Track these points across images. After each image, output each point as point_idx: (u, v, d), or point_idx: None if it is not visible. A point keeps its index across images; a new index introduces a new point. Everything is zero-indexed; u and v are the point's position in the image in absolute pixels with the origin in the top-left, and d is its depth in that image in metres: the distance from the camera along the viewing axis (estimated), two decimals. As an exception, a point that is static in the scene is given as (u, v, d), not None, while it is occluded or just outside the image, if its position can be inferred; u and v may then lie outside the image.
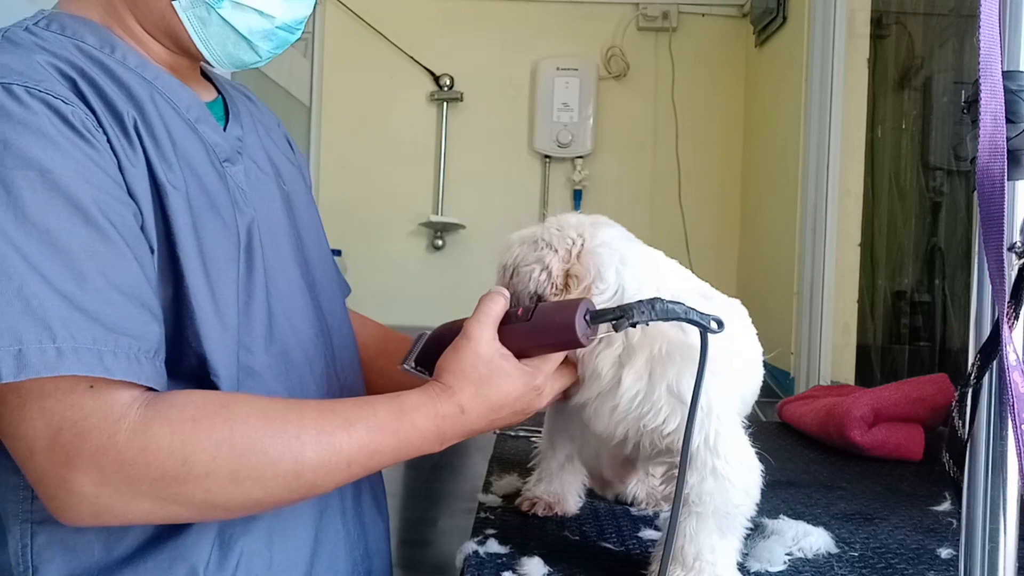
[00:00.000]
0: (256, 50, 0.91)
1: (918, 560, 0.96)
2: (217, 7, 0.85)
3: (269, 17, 0.88)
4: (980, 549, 0.66)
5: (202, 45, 0.88)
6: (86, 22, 0.86)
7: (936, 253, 2.65)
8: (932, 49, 2.67)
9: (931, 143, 2.62)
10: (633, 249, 0.91)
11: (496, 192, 3.25)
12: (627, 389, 0.84)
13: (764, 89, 3.02)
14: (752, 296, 3.07)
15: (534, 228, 0.95)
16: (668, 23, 3.18)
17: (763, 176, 2.99)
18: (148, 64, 0.87)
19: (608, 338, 0.85)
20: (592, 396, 0.88)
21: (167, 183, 0.79)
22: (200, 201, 0.83)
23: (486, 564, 0.91)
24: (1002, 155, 0.62)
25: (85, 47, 0.82)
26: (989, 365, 0.64)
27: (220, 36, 0.88)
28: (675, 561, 0.83)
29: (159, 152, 0.80)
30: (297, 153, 1.11)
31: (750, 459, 0.86)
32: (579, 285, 0.88)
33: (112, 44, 0.85)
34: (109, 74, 0.81)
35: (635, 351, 0.84)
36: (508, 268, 0.93)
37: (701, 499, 0.82)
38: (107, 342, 0.69)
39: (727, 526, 0.84)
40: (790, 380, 2.48)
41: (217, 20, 0.86)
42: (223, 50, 0.90)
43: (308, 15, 0.92)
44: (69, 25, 0.84)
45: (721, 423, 0.83)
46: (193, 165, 0.84)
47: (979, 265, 0.66)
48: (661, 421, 0.84)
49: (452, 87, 3.17)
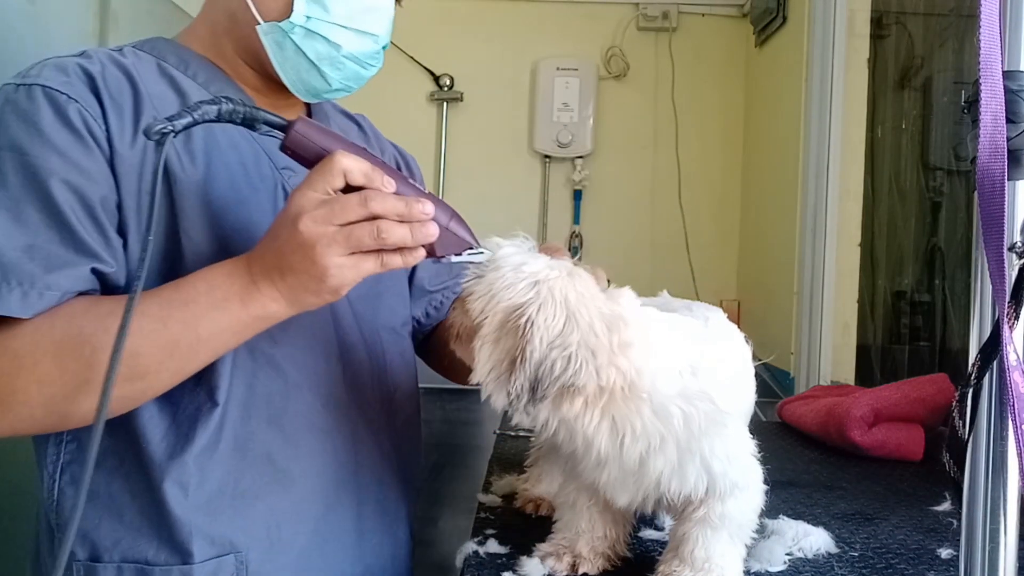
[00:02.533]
0: (325, 78, 0.97)
1: (918, 560, 0.96)
2: (291, 32, 0.93)
3: (335, 45, 0.94)
4: (980, 549, 0.66)
5: (279, 68, 0.97)
6: (178, 47, 0.99)
7: (936, 253, 2.65)
8: (932, 49, 2.67)
9: (931, 143, 2.62)
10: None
11: (496, 192, 3.25)
12: (656, 470, 0.79)
13: (764, 89, 3.01)
14: (752, 296, 3.07)
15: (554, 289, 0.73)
16: (668, 23, 3.18)
17: (763, 176, 2.99)
18: (217, 80, 0.98)
19: (643, 432, 0.76)
20: (610, 478, 0.81)
21: (177, 172, 0.89)
22: (227, 195, 0.92)
23: (486, 564, 0.91)
24: (1002, 155, 0.62)
25: (163, 64, 0.96)
26: (989, 365, 0.64)
27: (294, 61, 0.96)
28: (684, 563, 0.84)
29: (186, 148, 0.91)
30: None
31: (760, 473, 0.86)
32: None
33: (187, 63, 0.98)
34: (172, 85, 0.94)
35: (667, 438, 0.77)
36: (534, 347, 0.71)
37: (723, 519, 0.83)
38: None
39: (739, 535, 0.85)
40: (790, 380, 2.48)
41: (291, 46, 0.94)
42: (297, 76, 0.97)
43: (376, 50, 0.99)
44: (159, 47, 0.99)
45: (744, 446, 0.84)
46: (230, 166, 0.94)
47: (979, 265, 0.66)
48: (691, 488, 0.81)
49: (452, 87, 3.17)
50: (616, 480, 0.81)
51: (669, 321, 0.82)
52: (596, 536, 0.91)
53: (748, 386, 0.91)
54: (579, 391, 0.72)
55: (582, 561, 0.90)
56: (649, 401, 0.75)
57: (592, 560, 0.90)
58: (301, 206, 0.76)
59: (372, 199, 0.74)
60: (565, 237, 3.24)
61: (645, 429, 0.76)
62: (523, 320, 0.71)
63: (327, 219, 0.75)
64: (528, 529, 1.01)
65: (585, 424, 0.75)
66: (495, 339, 0.73)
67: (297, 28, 0.93)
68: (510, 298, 0.73)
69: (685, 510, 0.84)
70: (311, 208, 0.75)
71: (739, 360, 0.89)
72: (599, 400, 0.74)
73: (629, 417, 0.76)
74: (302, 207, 0.76)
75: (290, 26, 0.93)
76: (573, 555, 0.90)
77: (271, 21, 0.93)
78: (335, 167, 0.75)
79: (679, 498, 0.82)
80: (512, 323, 0.72)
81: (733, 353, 0.88)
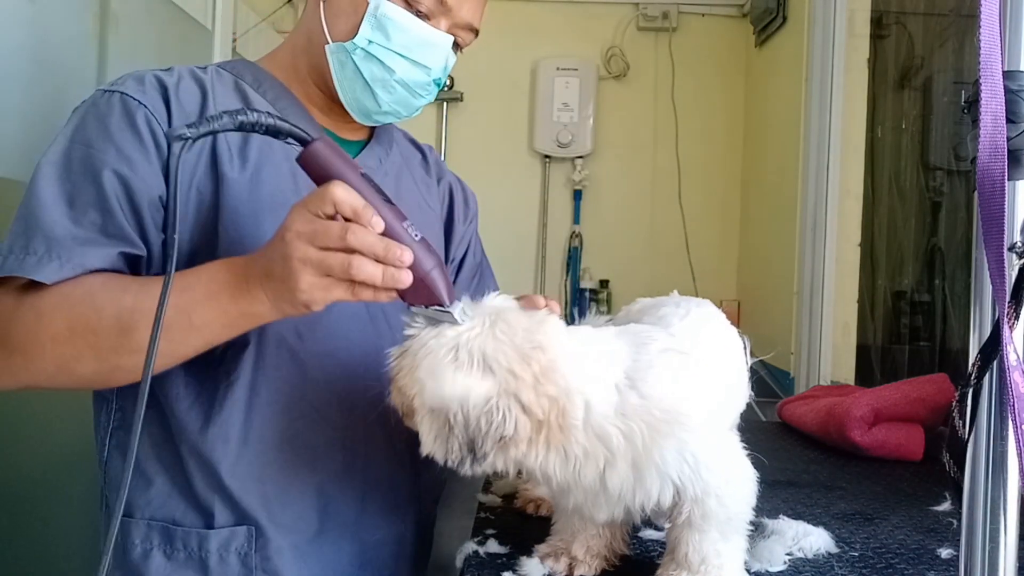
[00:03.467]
0: (376, 99, 1.05)
1: (918, 560, 0.96)
2: (352, 53, 1.02)
3: (389, 70, 1.02)
4: (980, 549, 0.66)
5: (339, 86, 1.05)
6: (259, 69, 1.09)
7: (936, 253, 2.65)
8: (932, 49, 2.67)
9: (931, 143, 2.62)
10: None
11: (496, 192, 3.25)
12: (615, 489, 0.79)
13: (764, 89, 3.02)
14: (752, 296, 3.07)
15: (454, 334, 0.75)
16: (668, 23, 3.18)
17: (763, 176, 2.99)
18: (284, 97, 1.07)
19: (589, 454, 0.77)
20: (580, 500, 0.82)
21: (226, 172, 0.98)
22: (274, 198, 0.99)
23: (486, 564, 0.91)
24: (1002, 155, 0.62)
25: (240, 82, 1.06)
26: (989, 365, 0.64)
27: (352, 81, 1.04)
28: (681, 567, 0.83)
29: (240, 152, 1.00)
30: (454, 206, 1.28)
31: (745, 471, 0.84)
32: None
33: (262, 82, 1.07)
34: (242, 99, 1.04)
35: (616, 457, 0.77)
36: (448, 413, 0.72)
37: (706, 518, 0.82)
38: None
39: (728, 531, 0.84)
40: (790, 380, 2.48)
41: (351, 65, 1.03)
42: (352, 95, 1.05)
43: (427, 82, 1.05)
44: (239, 68, 1.09)
45: (713, 443, 0.81)
46: (282, 172, 1.01)
47: (979, 265, 0.66)
48: (656, 500, 0.80)
49: (452, 87, 3.17)
50: (586, 501, 0.81)
51: (609, 334, 0.82)
52: (591, 537, 0.91)
53: (725, 383, 0.88)
54: (516, 438, 0.73)
55: (578, 563, 0.90)
56: (584, 426, 0.75)
57: (588, 561, 0.90)
58: (292, 220, 0.80)
59: (353, 233, 0.77)
60: (565, 237, 3.25)
61: (589, 453, 0.76)
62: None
63: (309, 239, 0.78)
64: (528, 529, 1.01)
65: (535, 461, 0.76)
66: (429, 410, 0.74)
67: (359, 50, 1.02)
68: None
69: (671, 514, 0.83)
70: (299, 225, 0.79)
71: (713, 359, 0.86)
72: (539, 435, 0.74)
73: (572, 446, 0.76)
74: (293, 221, 0.80)
75: (353, 47, 1.02)
76: (569, 557, 0.90)
77: (338, 41, 1.03)
78: (327, 195, 0.78)
79: (649, 509, 0.81)
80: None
81: (706, 352, 0.85)
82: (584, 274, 3.23)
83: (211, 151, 0.99)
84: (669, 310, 0.90)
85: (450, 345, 0.74)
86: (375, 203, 0.80)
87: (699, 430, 0.79)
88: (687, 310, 0.89)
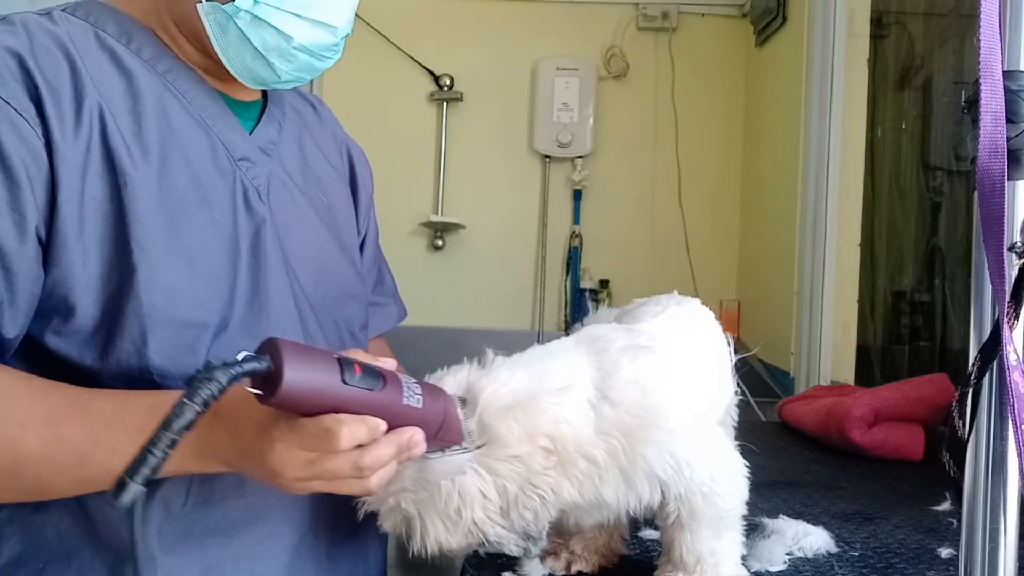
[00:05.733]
0: (274, 69, 0.87)
1: (918, 560, 0.96)
2: (235, 16, 0.82)
3: (286, 37, 0.84)
4: (980, 549, 0.66)
5: (222, 53, 0.86)
6: (116, 13, 0.86)
7: (936, 253, 2.65)
8: (932, 49, 2.66)
9: (931, 143, 2.62)
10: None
11: (496, 192, 3.25)
12: (611, 500, 0.79)
13: (764, 89, 3.02)
14: (752, 296, 3.07)
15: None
16: (668, 23, 3.18)
17: (763, 176, 2.99)
18: (164, 58, 0.87)
19: (587, 475, 0.78)
20: (578, 513, 0.82)
21: (127, 170, 0.78)
22: (189, 194, 0.82)
23: (486, 564, 0.91)
24: (1002, 155, 0.62)
25: (102, 34, 0.84)
26: (989, 365, 0.64)
27: (238, 48, 0.85)
28: (677, 568, 0.83)
29: (136, 140, 0.80)
30: (356, 170, 1.12)
31: (734, 466, 0.84)
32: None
33: (131, 35, 0.86)
34: (115, 61, 0.82)
35: (607, 473, 0.78)
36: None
37: (694, 516, 0.82)
38: None
39: (720, 528, 0.83)
40: (790, 380, 2.48)
41: (235, 31, 0.83)
42: (241, 63, 0.87)
43: (334, 42, 0.88)
44: (95, 13, 0.86)
45: (695, 441, 0.80)
46: (190, 159, 0.84)
47: (979, 265, 0.66)
48: (647, 500, 0.80)
49: (452, 87, 3.17)
50: (580, 512, 0.82)
51: (568, 344, 0.82)
52: (589, 534, 0.91)
53: (701, 376, 0.86)
54: (553, 493, 0.74)
55: (576, 559, 0.90)
56: (575, 454, 0.76)
57: (587, 558, 0.90)
58: (285, 464, 0.68)
59: (364, 459, 0.68)
60: (565, 237, 3.24)
61: (586, 475, 0.77)
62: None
63: (312, 474, 0.69)
64: (528, 529, 1.01)
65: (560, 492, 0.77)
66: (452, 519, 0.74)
67: (243, 12, 0.82)
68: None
69: (662, 514, 0.84)
70: (297, 468, 0.68)
71: (684, 353, 0.85)
72: (557, 465, 0.75)
73: (575, 472, 0.76)
74: (285, 465, 0.68)
75: (235, 10, 0.81)
76: (568, 552, 0.90)
77: (214, 0, 0.82)
78: (341, 442, 0.66)
79: (640, 511, 0.82)
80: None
81: (675, 346, 0.84)
82: (584, 274, 3.23)
83: (102, 143, 0.78)
84: (647, 309, 0.90)
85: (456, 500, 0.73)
86: (375, 402, 0.68)
87: (676, 428, 0.78)
88: (664, 307, 0.89)
